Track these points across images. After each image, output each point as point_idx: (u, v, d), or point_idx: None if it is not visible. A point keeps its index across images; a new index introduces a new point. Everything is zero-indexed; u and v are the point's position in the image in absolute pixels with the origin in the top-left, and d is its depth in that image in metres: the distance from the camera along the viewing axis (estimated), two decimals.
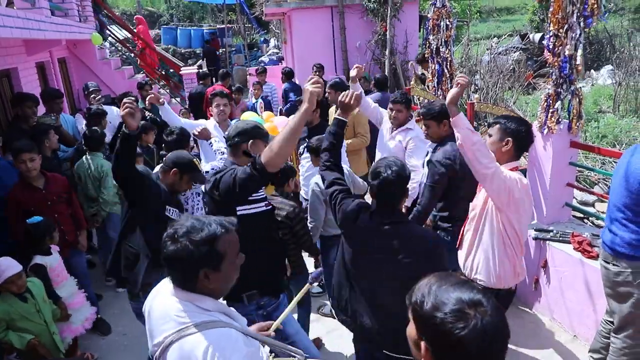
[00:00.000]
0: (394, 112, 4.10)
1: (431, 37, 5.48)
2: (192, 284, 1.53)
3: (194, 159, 3.13)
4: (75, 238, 4.01)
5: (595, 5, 3.54)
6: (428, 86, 5.75)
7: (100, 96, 6.03)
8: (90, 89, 5.96)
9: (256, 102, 7.60)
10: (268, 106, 7.60)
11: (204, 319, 1.49)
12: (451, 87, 5.41)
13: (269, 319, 2.45)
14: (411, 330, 1.20)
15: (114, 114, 5.89)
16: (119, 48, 12.40)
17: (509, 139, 2.67)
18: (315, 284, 2.47)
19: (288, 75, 8.18)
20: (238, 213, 2.42)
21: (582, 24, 3.62)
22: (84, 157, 4.55)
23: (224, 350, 1.43)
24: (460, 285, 1.16)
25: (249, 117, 5.36)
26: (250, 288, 2.55)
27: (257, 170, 2.19)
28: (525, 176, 4.33)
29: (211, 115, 4.73)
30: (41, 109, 5.12)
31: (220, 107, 4.55)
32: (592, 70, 12.07)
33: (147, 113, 5.91)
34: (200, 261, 1.50)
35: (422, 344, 1.13)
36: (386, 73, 9.04)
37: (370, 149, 5.15)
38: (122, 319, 4.30)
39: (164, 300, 1.58)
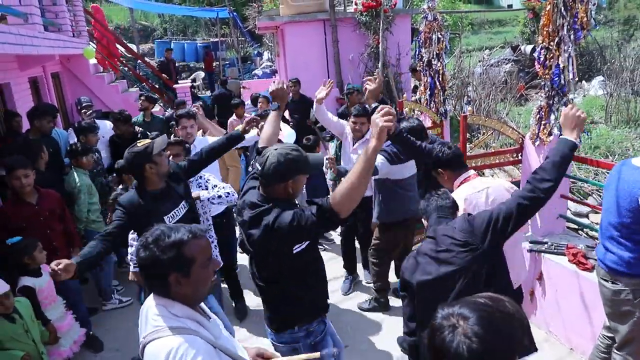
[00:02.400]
0: (357, 125, 4.18)
1: (423, 50, 5.52)
2: (165, 290, 1.60)
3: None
4: (67, 254, 3.95)
5: (585, 19, 3.57)
6: (420, 99, 5.78)
7: (91, 111, 5.97)
8: (83, 104, 5.93)
9: None
10: None
11: (173, 325, 1.55)
12: (444, 99, 5.47)
13: (316, 350, 2.37)
14: None
15: (107, 128, 5.86)
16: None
17: (439, 169, 2.90)
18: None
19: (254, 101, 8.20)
20: (295, 252, 2.27)
21: (572, 36, 3.66)
22: (72, 172, 4.50)
23: (184, 356, 1.47)
24: (464, 303, 1.19)
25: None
26: (304, 317, 2.45)
27: (327, 218, 2.00)
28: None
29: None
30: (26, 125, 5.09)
31: (186, 129, 4.27)
32: (584, 82, 12.19)
33: (137, 128, 5.88)
34: (168, 266, 1.56)
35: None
36: None
37: None
38: (114, 334, 4.24)
39: (148, 303, 1.66)
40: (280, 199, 2.25)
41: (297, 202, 2.40)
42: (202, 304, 1.73)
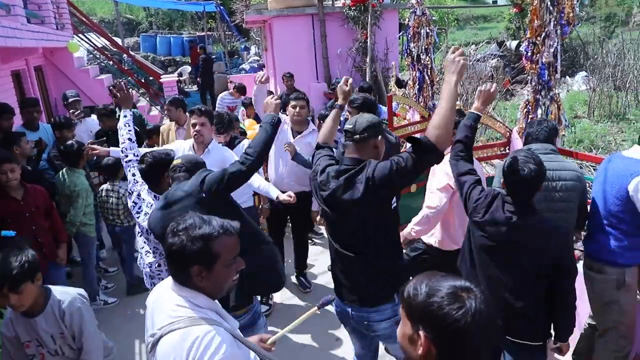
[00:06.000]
0: (296, 109, 4.16)
1: (412, 45, 5.55)
2: (186, 279, 1.58)
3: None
4: (54, 251, 3.88)
5: (572, 14, 3.63)
6: (409, 93, 5.81)
7: (80, 111, 5.73)
8: (70, 100, 5.72)
9: None
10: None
11: (196, 315, 1.53)
12: (432, 93, 5.51)
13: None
14: (404, 328, 1.23)
15: (93, 122, 5.74)
16: (97, 56, 12.24)
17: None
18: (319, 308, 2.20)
19: (241, 90, 8.19)
20: (393, 207, 2.34)
21: (559, 31, 3.72)
22: (60, 172, 4.35)
23: (209, 347, 1.46)
24: (448, 276, 1.23)
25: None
26: (402, 283, 2.47)
27: (427, 152, 2.07)
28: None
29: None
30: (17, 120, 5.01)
31: (196, 126, 3.63)
32: (567, 77, 12.35)
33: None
34: (193, 256, 1.54)
35: (421, 333, 1.17)
36: (367, 80, 9.11)
37: None
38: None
39: (163, 294, 1.64)
40: (369, 159, 2.31)
41: None
42: None
